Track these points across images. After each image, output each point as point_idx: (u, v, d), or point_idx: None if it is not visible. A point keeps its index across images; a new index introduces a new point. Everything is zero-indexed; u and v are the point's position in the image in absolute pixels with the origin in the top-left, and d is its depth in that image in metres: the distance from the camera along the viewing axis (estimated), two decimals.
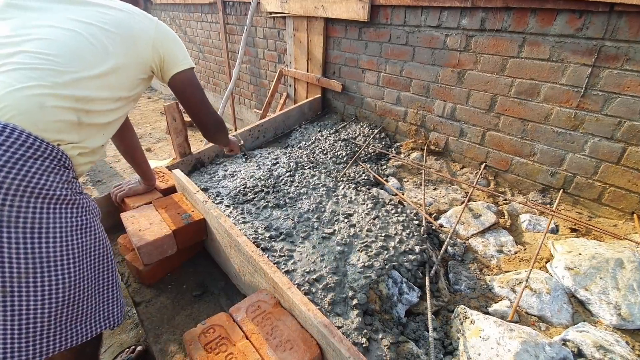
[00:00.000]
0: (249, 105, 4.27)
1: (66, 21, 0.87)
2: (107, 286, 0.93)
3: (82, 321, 0.86)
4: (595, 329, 1.11)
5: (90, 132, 0.91)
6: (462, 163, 2.11)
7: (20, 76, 0.76)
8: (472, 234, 1.61)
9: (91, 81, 0.87)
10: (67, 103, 0.82)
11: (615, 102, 1.45)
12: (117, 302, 0.96)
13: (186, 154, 1.98)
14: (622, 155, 1.49)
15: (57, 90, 0.80)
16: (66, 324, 0.82)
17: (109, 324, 0.94)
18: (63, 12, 0.89)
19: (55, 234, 0.77)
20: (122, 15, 0.96)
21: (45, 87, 0.78)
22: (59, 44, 0.83)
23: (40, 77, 0.78)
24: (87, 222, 0.86)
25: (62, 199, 0.79)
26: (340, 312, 1.09)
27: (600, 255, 1.29)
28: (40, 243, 0.75)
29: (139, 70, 1.00)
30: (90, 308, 0.88)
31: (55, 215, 0.78)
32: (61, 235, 0.79)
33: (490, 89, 1.82)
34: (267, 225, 1.44)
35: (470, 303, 1.27)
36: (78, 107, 0.85)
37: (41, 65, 0.79)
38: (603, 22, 1.39)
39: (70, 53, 0.84)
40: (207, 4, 4.18)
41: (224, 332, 0.93)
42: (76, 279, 0.81)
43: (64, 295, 0.79)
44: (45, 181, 0.76)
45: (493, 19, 1.69)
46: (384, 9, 2.15)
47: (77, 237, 0.82)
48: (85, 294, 0.85)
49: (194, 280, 1.43)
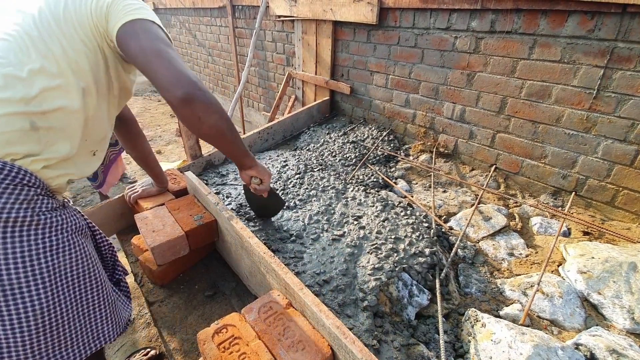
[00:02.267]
0: (257, 107, 4.31)
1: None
2: (93, 305, 0.87)
3: (67, 345, 0.81)
4: (608, 333, 1.10)
5: (51, 138, 0.78)
6: (471, 165, 2.10)
7: None
8: (483, 236, 1.60)
9: (37, 75, 0.74)
10: (12, 108, 0.72)
11: (628, 104, 1.43)
12: (107, 319, 0.91)
13: (197, 156, 2.01)
14: (635, 157, 1.47)
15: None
16: (47, 352, 0.77)
17: (100, 343, 0.89)
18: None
19: (16, 260, 0.71)
20: None
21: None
22: None
23: None
24: (59, 242, 0.78)
25: (19, 221, 0.72)
26: (350, 313, 1.10)
27: (614, 259, 1.28)
28: (1, 270, 0.69)
29: (86, 44, 0.81)
30: (75, 331, 0.82)
31: (13, 240, 0.71)
32: (23, 261, 0.72)
33: (500, 91, 1.82)
34: (277, 226, 1.46)
35: (481, 306, 1.27)
36: (29, 111, 0.73)
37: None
38: (615, 23, 1.38)
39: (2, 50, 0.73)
40: (217, 8, 4.24)
41: (236, 331, 0.95)
42: (49, 304, 0.76)
43: (37, 323, 0.74)
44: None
45: (503, 21, 1.68)
46: (393, 12, 2.16)
47: (45, 260, 0.75)
48: (65, 318, 0.79)
49: (206, 280, 1.46)
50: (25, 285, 0.72)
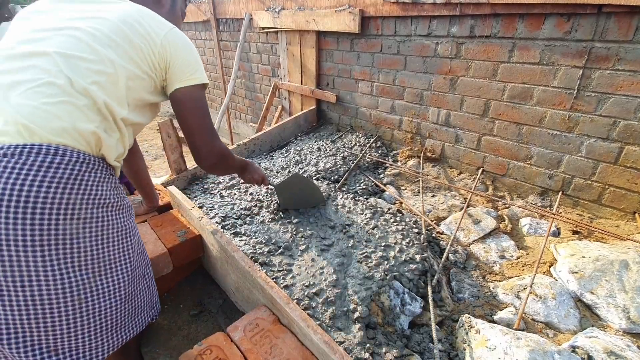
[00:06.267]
0: (245, 119, 4.29)
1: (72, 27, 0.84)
2: (149, 280, 1.01)
3: (136, 314, 0.93)
4: (604, 334, 1.08)
5: (125, 140, 0.93)
6: (459, 169, 2.10)
7: (53, 99, 0.75)
8: (473, 240, 1.58)
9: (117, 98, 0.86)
10: (94, 124, 0.82)
11: (609, 103, 1.45)
12: (156, 293, 1.05)
13: (182, 170, 1.97)
14: (619, 155, 1.48)
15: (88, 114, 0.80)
16: (124, 319, 0.89)
17: (153, 315, 1.02)
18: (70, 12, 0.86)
19: (114, 238, 0.84)
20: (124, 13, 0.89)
21: (77, 112, 0.78)
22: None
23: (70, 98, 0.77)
24: (132, 223, 0.93)
25: (114, 205, 0.85)
26: (341, 326, 1.06)
27: (604, 257, 1.27)
28: (103, 248, 0.81)
29: (145, 75, 0.91)
30: (141, 302, 0.95)
31: (112, 221, 0.83)
32: (119, 239, 0.85)
33: (483, 95, 1.83)
34: (265, 239, 1.41)
35: (474, 311, 1.24)
36: (104, 125, 0.84)
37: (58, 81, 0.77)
38: (592, 24, 1.40)
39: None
40: (201, 22, 4.24)
41: (221, 353, 0.90)
42: (131, 276, 0.89)
43: (124, 293, 0.86)
44: (100, 191, 0.81)
45: (482, 26, 1.70)
46: (375, 20, 2.18)
47: (129, 238, 0.89)
48: (138, 289, 0.93)
49: (191, 299, 1.40)
50: (119, 260, 0.84)
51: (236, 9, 3.43)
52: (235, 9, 3.46)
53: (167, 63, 0.92)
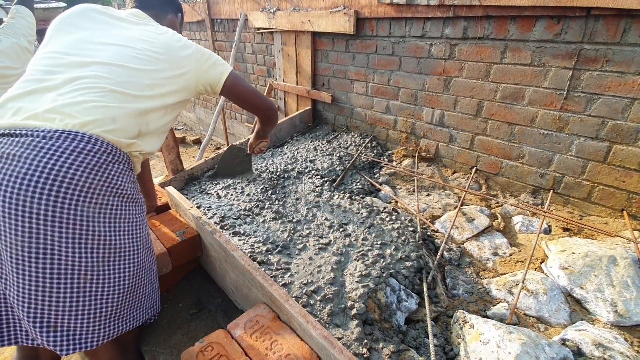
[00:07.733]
0: (240, 119, 4.29)
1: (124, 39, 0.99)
2: (153, 276, 1.04)
3: (136, 307, 0.96)
4: (593, 327, 1.12)
5: (148, 140, 1.02)
6: (453, 168, 2.13)
7: (98, 97, 0.86)
8: (467, 237, 1.62)
9: (149, 100, 0.98)
10: (134, 119, 0.93)
11: (597, 103, 1.49)
12: (157, 291, 1.07)
13: (179, 170, 1.98)
14: (607, 154, 1.53)
15: (126, 108, 0.91)
16: (125, 309, 0.91)
17: (153, 312, 1.04)
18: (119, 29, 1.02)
19: (126, 227, 0.89)
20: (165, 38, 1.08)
21: (117, 107, 0.89)
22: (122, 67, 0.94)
23: (113, 98, 0.89)
24: (143, 218, 0.98)
25: (130, 196, 0.91)
26: (339, 322, 1.08)
27: (594, 253, 1.31)
28: (116, 235, 0.85)
29: (184, 90, 1.10)
30: (143, 296, 0.98)
31: (126, 211, 0.89)
32: (130, 228, 0.90)
33: (476, 95, 1.86)
34: (264, 238, 1.43)
35: (469, 307, 1.27)
36: (141, 121, 0.95)
37: (110, 86, 0.89)
38: (581, 26, 1.44)
39: (131, 75, 0.95)
40: (195, 22, 4.23)
41: (222, 349, 0.92)
42: (137, 268, 0.92)
43: (129, 282, 0.89)
44: (120, 182, 0.87)
45: (475, 28, 1.74)
46: (369, 21, 2.20)
47: (139, 230, 0.94)
48: (141, 282, 0.96)
49: (190, 298, 1.41)
50: (129, 249, 0.89)
51: (231, 9, 3.44)
52: (230, 9, 3.46)
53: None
